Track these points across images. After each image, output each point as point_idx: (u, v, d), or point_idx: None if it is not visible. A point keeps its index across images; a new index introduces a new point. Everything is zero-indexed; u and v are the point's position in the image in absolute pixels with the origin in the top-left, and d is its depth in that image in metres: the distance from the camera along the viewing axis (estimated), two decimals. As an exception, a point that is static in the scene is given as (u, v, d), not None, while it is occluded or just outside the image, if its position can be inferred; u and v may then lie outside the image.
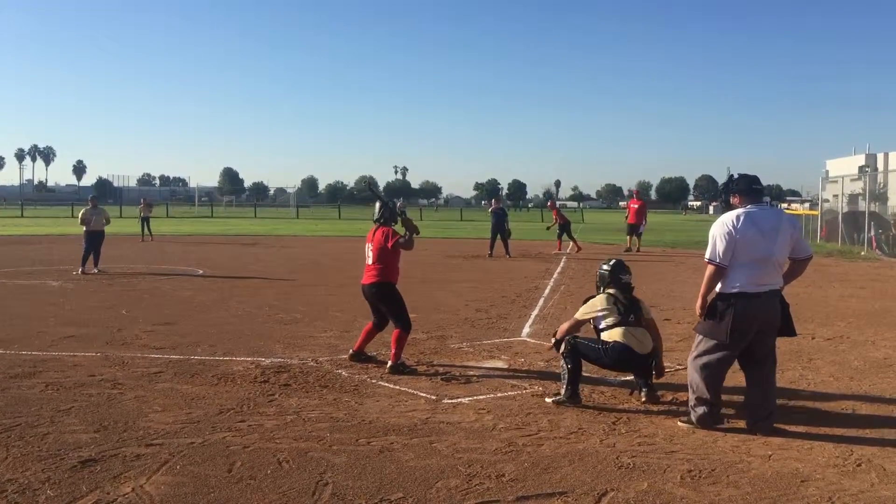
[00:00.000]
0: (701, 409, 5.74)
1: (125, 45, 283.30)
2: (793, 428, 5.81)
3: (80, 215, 17.18)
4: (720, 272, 5.61)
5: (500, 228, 22.47)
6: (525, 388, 6.91)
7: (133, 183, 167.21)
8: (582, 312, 6.70)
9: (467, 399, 6.51)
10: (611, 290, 6.73)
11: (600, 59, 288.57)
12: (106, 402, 6.25)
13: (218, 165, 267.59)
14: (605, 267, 6.94)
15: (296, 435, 5.45)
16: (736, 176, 5.84)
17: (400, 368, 7.40)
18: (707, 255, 5.67)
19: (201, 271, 17.32)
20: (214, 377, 7.15)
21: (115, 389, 6.65)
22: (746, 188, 5.71)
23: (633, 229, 25.25)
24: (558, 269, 17.73)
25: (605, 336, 6.49)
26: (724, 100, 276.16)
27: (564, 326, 6.79)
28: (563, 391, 6.39)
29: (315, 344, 8.87)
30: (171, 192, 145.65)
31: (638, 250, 24.60)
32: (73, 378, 7.03)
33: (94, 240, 16.56)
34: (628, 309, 6.54)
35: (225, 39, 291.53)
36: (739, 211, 5.64)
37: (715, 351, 5.70)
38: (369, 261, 7.81)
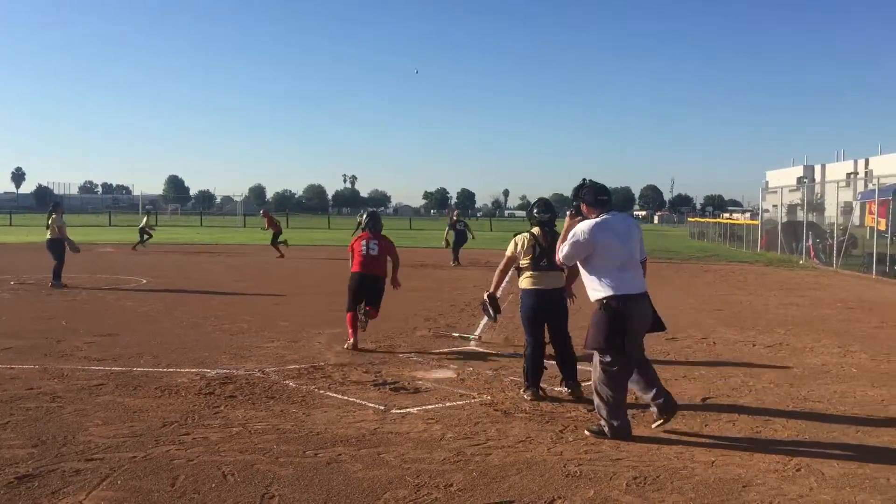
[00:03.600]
0: (613, 421, 5.77)
1: (65, 50, 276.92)
2: (735, 434, 5.93)
3: (62, 225, 15.95)
4: (589, 276, 5.91)
5: (464, 239, 23.01)
6: (474, 398, 6.92)
7: (74, 191, 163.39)
8: (508, 249, 7.26)
9: (416, 409, 6.50)
10: (535, 231, 7.18)
11: (547, 69, 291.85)
12: (44, 415, 6.08)
13: (163, 173, 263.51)
14: (532, 204, 7.49)
15: (241, 447, 5.37)
16: (588, 183, 6.06)
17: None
18: (559, 255, 5.97)
19: (145, 281, 16.99)
20: (158, 389, 7.02)
21: (54, 403, 6.47)
22: (593, 199, 5.95)
23: None
24: (506, 279, 17.79)
25: (520, 280, 7.16)
26: (667, 111, 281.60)
27: (497, 270, 7.41)
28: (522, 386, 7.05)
29: (262, 354, 8.76)
30: (114, 201, 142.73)
31: None
32: (9, 391, 6.82)
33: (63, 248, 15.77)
34: (545, 250, 6.97)
35: (168, 46, 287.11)
36: (597, 220, 5.87)
37: (617, 360, 5.79)
38: (374, 252, 9.32)
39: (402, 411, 6.42)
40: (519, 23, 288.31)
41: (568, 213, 6.11)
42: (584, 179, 6.10)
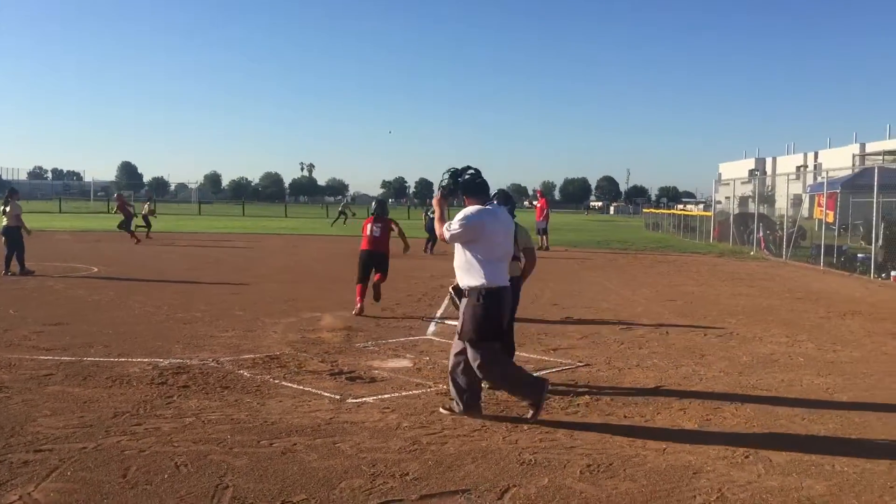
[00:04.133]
0: (468, 399, 5.97)
1: (10, 31, 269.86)
2: (686, 422, 6.04)
3: (18, 212, 15.55)
4: (468, 266, 5.92)
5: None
6: (430, 387, 6.94)
7: (23, 176, 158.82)
8: None
9: (372, 398, 6.50)
10: None
11: (504, 58, 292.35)
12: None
13: (115, 159, 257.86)
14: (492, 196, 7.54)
15: (195, 438, 5.32)
16: (474, 171, 6.15)
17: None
18: (446, 229, 5.93)
19: (96, 269, 16.67)
20: (109, 379, 6.91)
21: (2, 393, 6.33)
22: (476, 188, 6.08)
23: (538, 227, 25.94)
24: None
25: None
26: (624, 103, 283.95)
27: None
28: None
29: (216, 344, 8.67)
30: (65, 187, 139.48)
31: (546, 248, 25.17)
32: (-46, 382, 6.66)
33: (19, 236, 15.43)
34: None
35: (120, 27, 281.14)
36: (486, 207, 6.01)
37: (497, 346, 6.02)
38: (377, 234, 11.37)
39: (357, 401, 6.42)
40: (474, 8, 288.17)
41: (438, 190, 6.19)
42: (468, 167, 6.19)
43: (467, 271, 5.95)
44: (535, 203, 30.21)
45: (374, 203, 12.21)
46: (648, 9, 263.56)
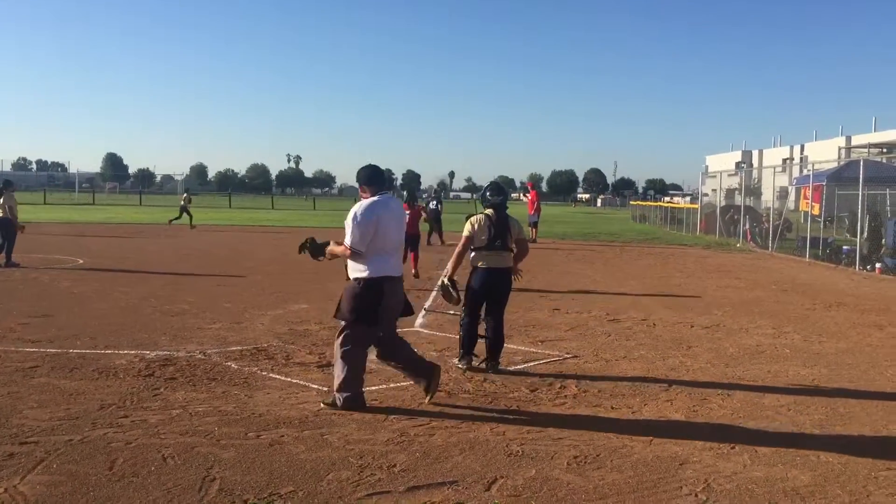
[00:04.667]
0: (346, 393, 5.91)
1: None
2: (673, 413, 6.07)
3: (12, 205, 15.40)
4: (355, 258, 5.91)
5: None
6: (417, 379, 6.93)
7: (7, 167, 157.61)
8: (466, 230, 7.44)
9: (359, 390, 6.48)
10: (488, 212, 7.47)
11: (492, 51, 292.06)
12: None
13: (100, 150, 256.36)
14: (484, 188, 7.84)
15: (182, 430, 5.30)
16: (387, 170, 6.19)
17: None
18: (348, 242, 5.87)
19: (81, 261, 16.58)
20: (95, 371, 6.87)
21: (-14, 386, 6.28)
22: (367, 179, 6.08)
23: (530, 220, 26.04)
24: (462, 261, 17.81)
25: (472, 257, 7.40)
26: (611, 95, 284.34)
27: (454, 253, 7.51)
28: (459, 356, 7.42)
29: (203, 336, 8.64)
30: (49, 178, 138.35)
31: (533, 241, 25.23)
32: (-62, 374, 6.60)
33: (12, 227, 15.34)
34: (498, 231, 7.32)
35: (105, 18, 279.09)
36: (375, 199, 5.98)
37: (364, 335, 5.95)
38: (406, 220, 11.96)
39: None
40: (460, 5, 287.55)
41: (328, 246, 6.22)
42: (373, 166, 6.23)
43: (354, 262, 5.94)
44: (526, 196, 30.33)
45: (404, 192, 14.85)
46: (635, 0, 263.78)
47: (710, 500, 4.34)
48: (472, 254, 7.40)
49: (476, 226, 7.37)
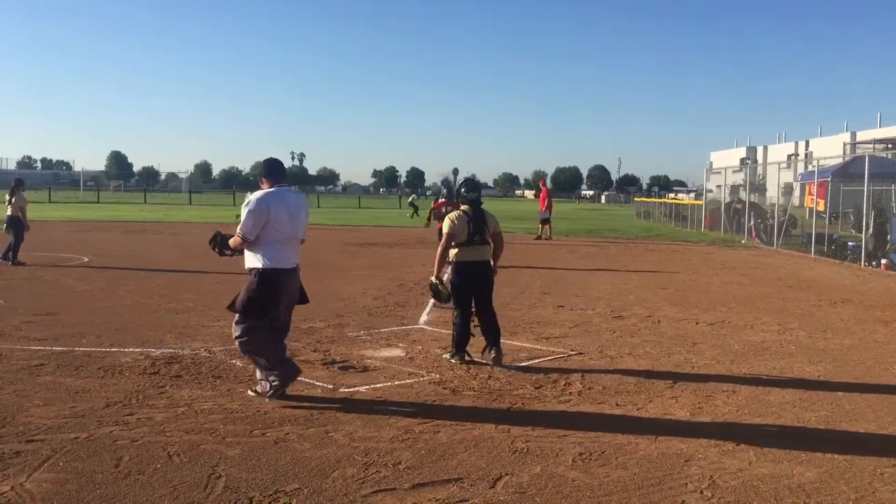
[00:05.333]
0: (272, 376, 6.00)
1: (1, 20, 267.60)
2: (678, 410, 6.06)
3: (23, 204, 15.61)
4: (243, 247, 6.03)
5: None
6: (422, 376, 6.94)
7: (12, 165, 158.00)
8: (446, 227, 7.65)
9: (364, 388, 6.50)
10: (464, 207, 7.66)
11: (496, 48, 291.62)
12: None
13: (105, 148, 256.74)
14: (459, 185, 8.11)
15: (187, 427, 5.31)
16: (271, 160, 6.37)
17: None
18: (239, 232, 5.99)
19: (86, 259, 16.61)
20: (101, 369, 6.89)
21: (-8, 384, 6.30)
22: (267, 172, 6.22)
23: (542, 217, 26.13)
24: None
25: (452, 253, 7.56)
26: (615, 92, 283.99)
27: (438, 251, 7.63)
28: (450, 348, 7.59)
29: (208, 333, 8.65)
30: (54, 176, 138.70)
31: (548, 238, 25.35)
32: (-56, 372, 6.62)
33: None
34: (477, 226, 7.51)
35: (108, 15, 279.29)
36: (270, 190, 6.09)
37: (257, 325, 6.05)
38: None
39: (350, 390, 6.42)
40: (465, 2, 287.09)
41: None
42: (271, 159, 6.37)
43: (251, 252, 6.03)
44: (537, 194, 30.33)
45: (443, 188, 15.29)
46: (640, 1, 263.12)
47: (716, 497, 4.34)
48: (453, 250, 7.59)
49: (456, 222, 7.55)
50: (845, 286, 14.79)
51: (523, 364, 7.49)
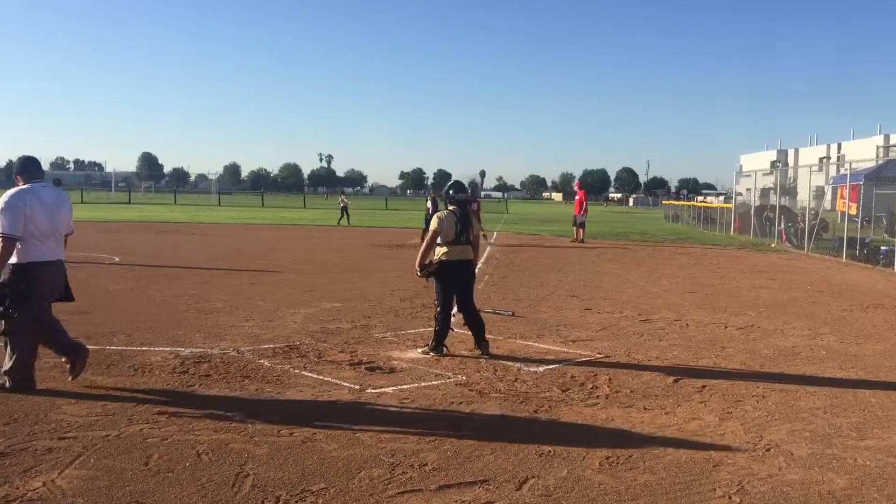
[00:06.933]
0: (16, 376, 6.09)
1: (34, 22, 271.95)
2: (706, 414, 6.01)
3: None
4: (12, 245, 5.96)
5: None
6: (448, 378, 6.95)
7: (46, 167, 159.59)
8: (433, 225, 7.91)
9: (391, 389, 6.51)
10: (451, 207, 7.99)
11: (525, 51, 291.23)
12: (16, 394, 6.02)
13: (136, 150, 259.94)
14: (447, 186, 8.35)
15: (216, 426, 5.36)
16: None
17: None
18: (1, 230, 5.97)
19: (117, 259, 16.83)
20: (131, 368, 6.97)
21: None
22: (21, 169, 6.25)
23: (575, 220, 26.07)
24: (482, 259, 17.87)
25: (438, 251, 7.89)
26: (644, 94, 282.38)
27: (423, 245, 8.03)
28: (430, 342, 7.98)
29: (236, 333, 8.72)
30: (87, 177, 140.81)
31: (581, 241, 25.29)
32: (-21, 369, 6.73)
33: None
34: (463, 226, 7.86)
35: (141, 18, 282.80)
36: (24, 187, 6.14)
37: (20, 322, 6.05)
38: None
39: (377, 391, 6.43)
40: (494, 5, 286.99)
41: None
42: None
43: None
44: (571, 200, 30.30)
45: (469, 190, 16.02)
46: (670, 3, 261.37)
47: (745, 503, 4.30)
48: (440, 248, 7.89)
49: (445, 222, 7.83)
50: (877, 291, 14.57)
51: (550, 367, 7.46)
